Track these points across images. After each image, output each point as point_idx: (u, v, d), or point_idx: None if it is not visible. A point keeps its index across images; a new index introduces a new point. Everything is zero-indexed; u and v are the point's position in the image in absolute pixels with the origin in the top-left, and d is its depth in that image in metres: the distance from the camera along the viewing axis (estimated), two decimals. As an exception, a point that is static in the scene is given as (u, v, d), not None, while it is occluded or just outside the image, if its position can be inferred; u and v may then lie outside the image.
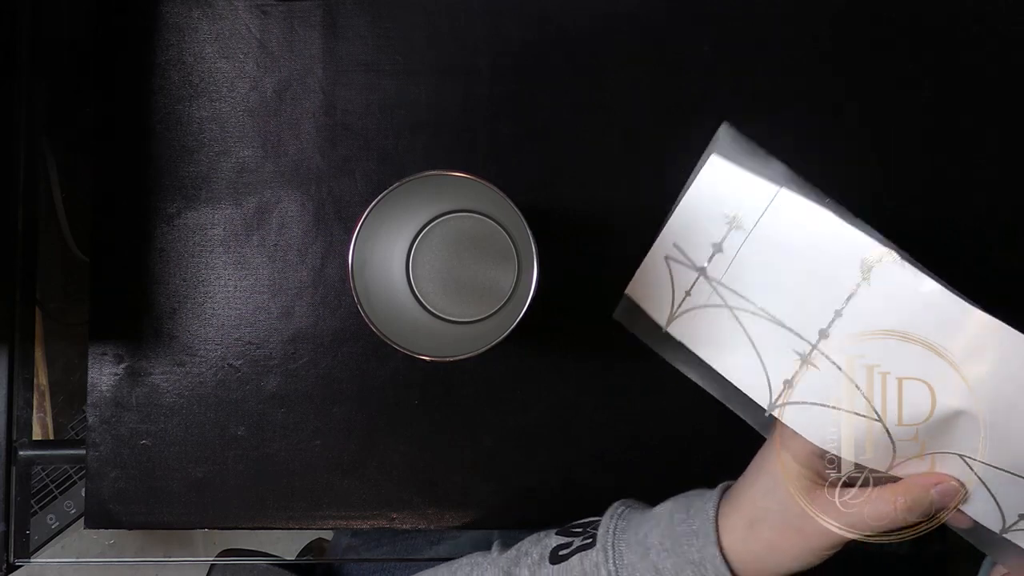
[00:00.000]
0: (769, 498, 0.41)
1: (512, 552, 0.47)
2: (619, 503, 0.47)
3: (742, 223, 0.44)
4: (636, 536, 0.43)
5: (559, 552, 0.44)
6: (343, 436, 0.55)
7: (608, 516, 0.45)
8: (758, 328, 0.43)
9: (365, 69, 0.56)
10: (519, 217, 0.43)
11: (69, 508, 1.06)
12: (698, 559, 0.41)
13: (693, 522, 0.42)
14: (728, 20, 0.55)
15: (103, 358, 0.56)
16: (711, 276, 0.44)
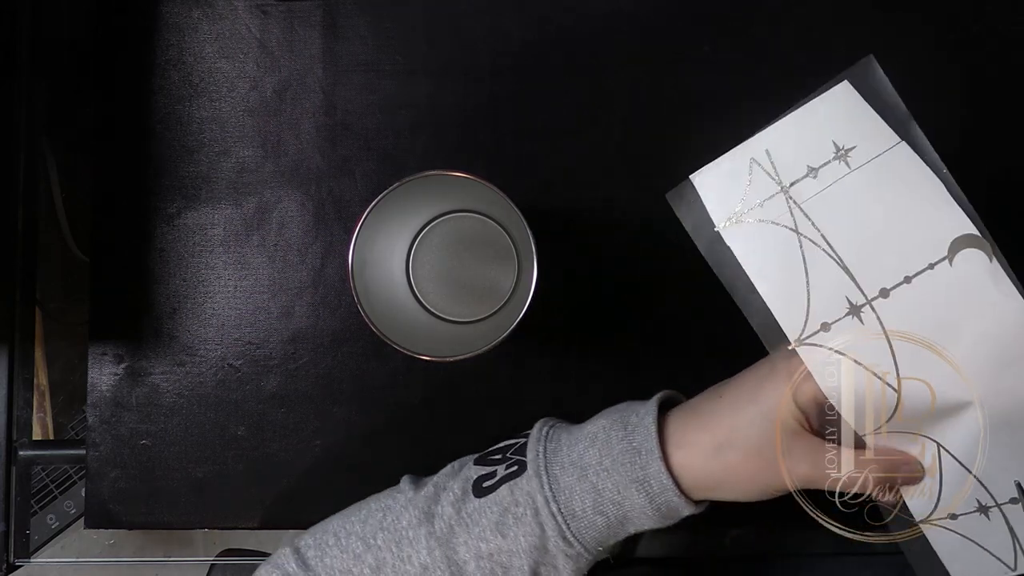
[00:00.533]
0: (752, 428, 0.39)
1: (428, 488, 0.44)
2: (543, 422, 0.45)
3: (849, 158, 0.42)
4: (570, 457, 0.41)
5: (483, 484, 0.42)
6: (343, 436, 0.55)
7: (535, 439, 0.43)
8: (820, 264, 0.41)
9: (365, 69, 0.56)
10: (519, 217, 0.43)
11: (69, 508, 1.06)
12: (641, 476, 0.39)
13: (633, 438, 0.40)
14: (728, 20, 0.55)
15: (103, 358, 0.56)
16: (793, 196, 0.42)
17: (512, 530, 0.40)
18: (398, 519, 0.43)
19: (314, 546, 0.44)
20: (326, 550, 0.44)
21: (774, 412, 0.39)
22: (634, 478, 0.40)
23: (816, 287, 0.41)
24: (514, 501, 0.41)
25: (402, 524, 0.43)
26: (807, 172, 0.42)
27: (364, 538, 0.43)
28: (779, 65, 0.55)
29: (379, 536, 0.43)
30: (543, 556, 0.41)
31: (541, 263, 0.43)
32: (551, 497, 0.40)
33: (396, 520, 0.43)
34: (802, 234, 0.42)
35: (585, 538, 0.41)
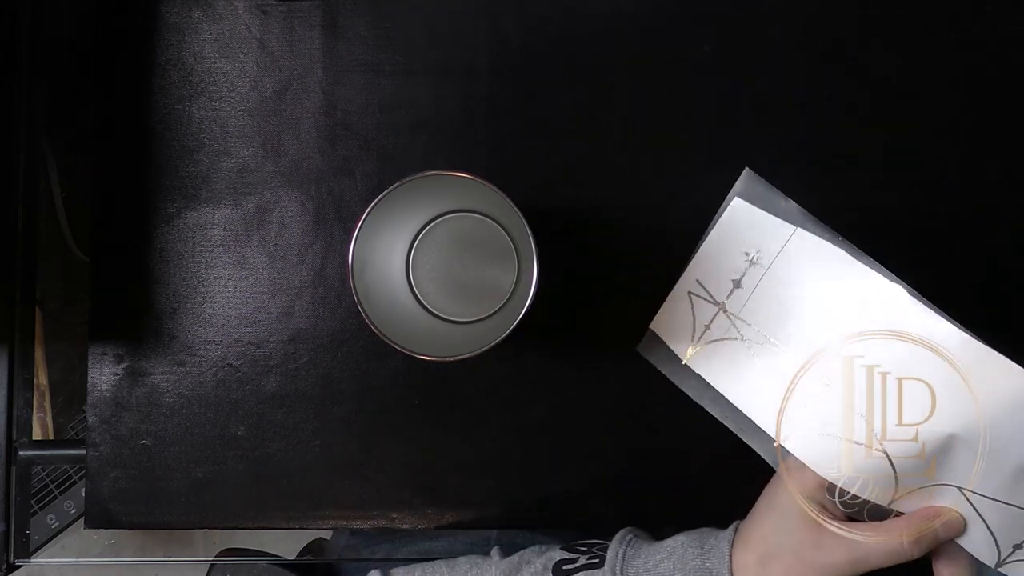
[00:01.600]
0: (781, 534, 0.41)
1: (514, 558, 0.47)
2: (627, 530, 0.47)
3: (760, 260, 0.47)
4: (646, 565, 0.43)
5: (563, 566, 0.45)
6: (343, 436, 0.55)
7: (617, 541, 0.45)
8: (771, 359, 0.46)
9: (365, 69, 0.56)
10: (519, 217, 0.43)
11: (69, 508, 1.06)
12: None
13: (708, 559, 0.42)
14: (728, 20, 0.55)
15: (103, 358, 0.56)
16: (730, 310, 0.48)
17: None
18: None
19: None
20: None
21: (791, 514, 0.41)
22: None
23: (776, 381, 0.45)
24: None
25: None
26: (733, 286, 0.48)
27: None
28: (778, 64, 0.55)
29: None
30: None
31: (541, 263, 0.43)
32: None
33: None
34: (747, 339, 0.47)
35: None
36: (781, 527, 0.42)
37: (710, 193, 0.54)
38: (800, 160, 0.54)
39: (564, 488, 0.55)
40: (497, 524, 0.55)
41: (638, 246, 0.55)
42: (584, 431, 0.55)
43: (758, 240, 0.48)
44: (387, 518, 0.55)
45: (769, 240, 0.48)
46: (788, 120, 0.54)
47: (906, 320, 0.42)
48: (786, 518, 0.41)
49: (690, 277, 0.50)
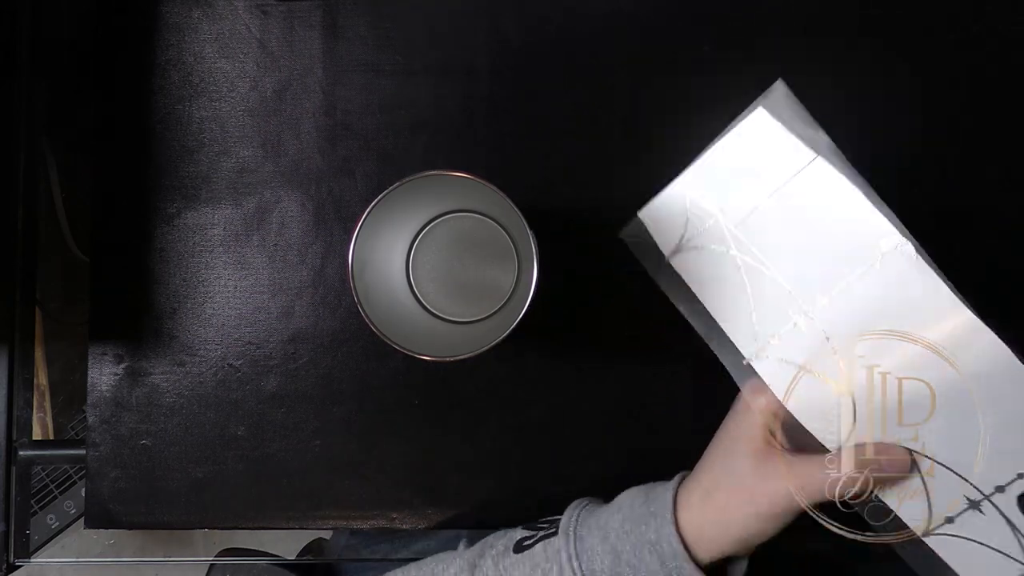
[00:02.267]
0: (725, 465, 0.42)
1: (477, 547, 0.47)
2: (581, 499, 0.48)
3: (771, 180, 0.45)
4: (597, 522, 0.44)
5: (523, 542, 0.45)
6: (343, 436, 0.55)
7: (571, 507, 0.46)
8: (758, 281, 0.44)
9: (365, 69, 0.56)
10: (519, 217, 0.43)
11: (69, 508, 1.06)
12: (655, 538, 0.41)
13: (651, 505, 0.43)
14: (728, 20, 0.55)
15: (103, 358, 0.56)
16: (727, 222, 0.45)
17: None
18: (447, 569, 0.47)
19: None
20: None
21: (739, 441, 0.42)
22: (647, 540, 0.42)
23: (759, 304, 0.44)
24: (544, 557, 0.44)
25: (450, 573, 0.46)
26: (736, 199, 0.45)
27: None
28: (778, 65, 0.55)
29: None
30: None
31: (541, 263, 0.43)
32: (574, 555, 0.43)
33: (445, 570, 0.47)
34: (739, 255, 0.45)
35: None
36: (726, 460, 0.42)
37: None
38: (800, 160, 0.54)
39: (564, 488, 0.55)
40: (497, 524, 0.55)
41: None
42: (584, 431, 0.55)
43: (773, 158, 0.45)
44: (387, 518, 0.55)
45: (785, 161, 0.45)
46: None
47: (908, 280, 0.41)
48: (731, 450, 0.42)
49: (691, 177, 0.47)
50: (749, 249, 0.45)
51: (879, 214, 0.43)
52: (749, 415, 0.43)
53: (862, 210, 0.43)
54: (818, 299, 0.43)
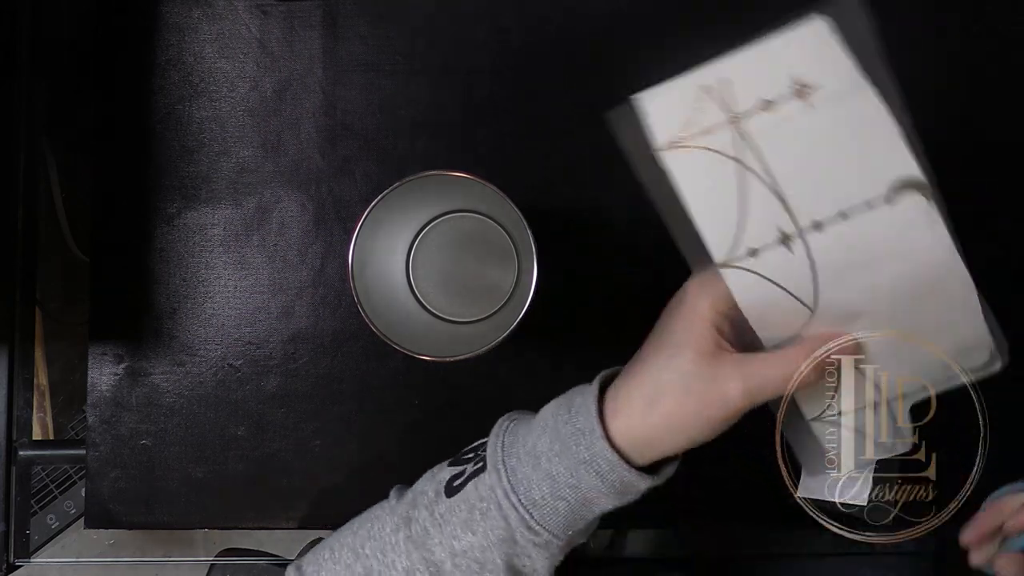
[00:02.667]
0: (670, 370, 0.39)
1: (408, 496, 0.45)
2: (504, 417, 0.45)
3: (810, 96, 0.41)
4: (525, 447, 0.41)
5: (453, 483, 0.43)
6: (343, 436, 0.55)
7: (494, 435, 0.43)
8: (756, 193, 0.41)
9: (365, 69, 0.56)
10: (519, 217, 0.43)
11: (69, 508, 1.06)
12: (588, 457, 0.39)
13: (577, 420, 0.40)
14: (728, 20, 0.55)
15: (103, 358, 0.56)
16: (742, 128, 0.41)
17: (480, 526, 0.41)
18: (383, 527, 0.44)
19: (312, 561, 0.45)
20: (322, 564, 0.45)
21: (687, 345, 0.39)
22: (582, 459, 0.39)
23: (749, 214, 0.41)
24: (479, 497, 0.41)
25: (386, 531, 0.44)
26: (761, 105, 0.41)
27: (354, 548, 0.44)
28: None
29: (367, 545, 0.44)
30: (513, 548, 0.41)
31: (541, 263, 0.43)
32: (510, 489, 0.40)
33: (381, 528, 0.44)
34: (744, 165, 0.41)
35: (550, 525, 0.41)
36: (671, 363, 0.39)
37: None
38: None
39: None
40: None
41: (638, 246, 0.55)
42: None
43: (821, 75, 0.41)
44: (387, 518, 0.55)
45: (834, 82, 0.40)
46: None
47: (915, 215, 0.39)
48: (677, 353, 0.39)
49: (715, 72, 0.42)
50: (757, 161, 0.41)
51: (909, 152, 0.39)
52: (696, 315, 0.40)
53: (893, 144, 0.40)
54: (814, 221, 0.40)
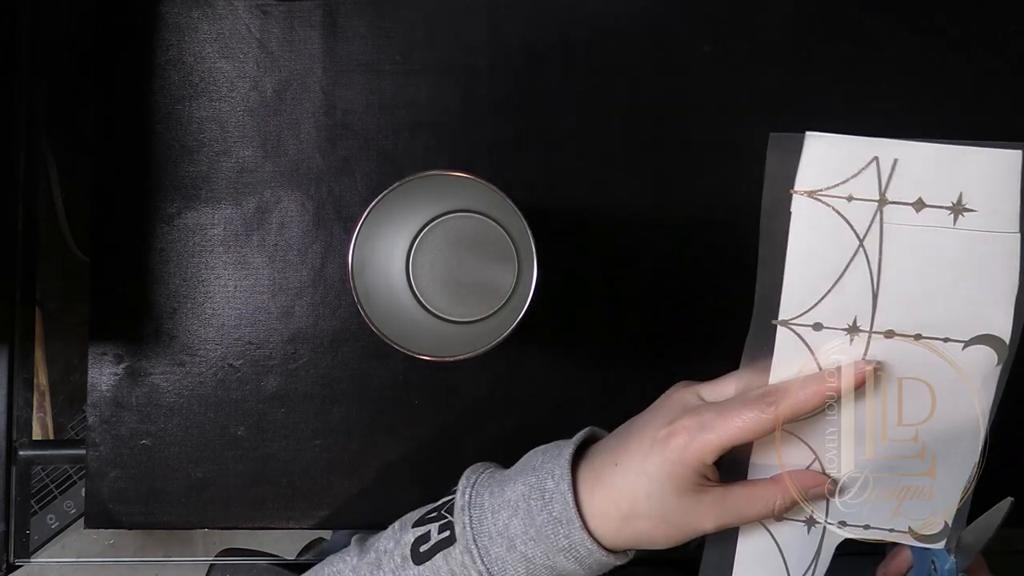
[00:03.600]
0: (652, 500, 0.40)
1: (371, 555, 0.45)
2: (465, 481, 0.45)
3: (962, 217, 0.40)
4: (495, 527, 0.42)
5: (420, 548, 0.43)
6: (343, 436, 0.55)
7: (459, 507, 0.43)
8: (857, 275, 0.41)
9: (365, 69, 0.56)
10: (519, 217, 0.43)
11: (69, 508, 1.06)
12: (567, 545, 0.40)
13: (552, 507, 0.41)
14: (728, 20, 0.55)
15: (103, 358, 0.56)
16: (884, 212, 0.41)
17: None
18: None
19: None
20: None
21: (666, 483, 0.40)
22: (560, 547, 0.40)
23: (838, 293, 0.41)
24: (451, 571, 0.42)
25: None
26: (915, 201, 0.41)
27: None
28: (778, 65, 0.55)
29: None
30: None
31: (541, 263, 0.43)
32: (485, 571, 0.41)
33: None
34: (863, 245, 0.41)
35: None
36: (653, 494, 0.40)
37: (710, 192, 0.54)
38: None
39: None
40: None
41: (638, 246, 0.55)
42: (584, 431, 0.55)
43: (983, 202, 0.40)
44: (387, 518, 0.55)
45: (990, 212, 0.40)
46: (789, 121, 0.54)
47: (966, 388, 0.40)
48: (660, 487, 0.39)
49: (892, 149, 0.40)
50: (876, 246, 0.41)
51: (1010, 314, 0.40)
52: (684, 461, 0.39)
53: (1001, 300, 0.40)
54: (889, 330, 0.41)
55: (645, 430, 0.41)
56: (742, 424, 0.38)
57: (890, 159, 0.40)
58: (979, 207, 0.40)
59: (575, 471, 0.42)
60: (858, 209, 0.41)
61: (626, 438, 0.42)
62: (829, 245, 0.41)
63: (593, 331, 0.55)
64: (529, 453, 0.45)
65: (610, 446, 0.42)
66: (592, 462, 0.42)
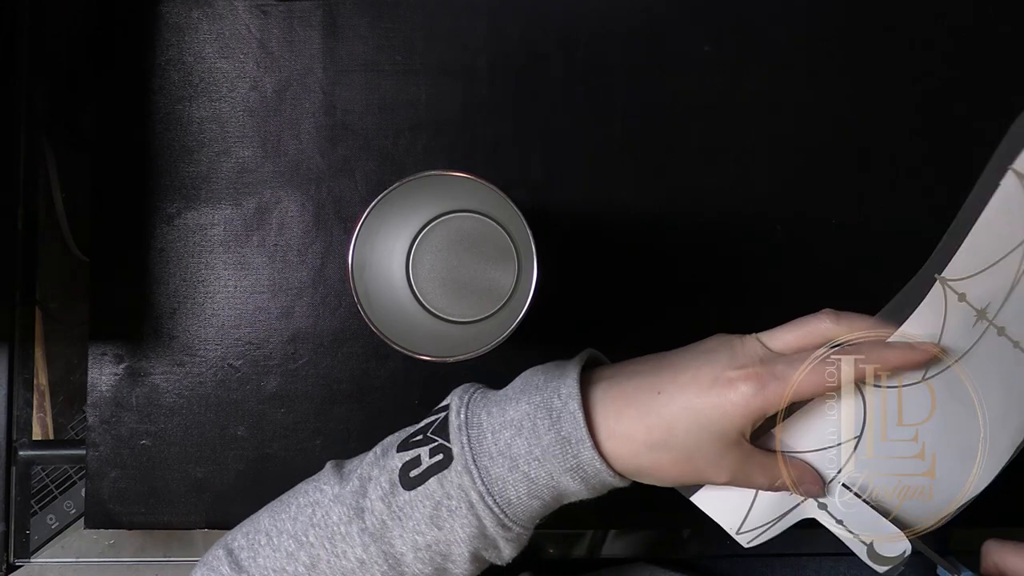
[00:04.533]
0: (689, 436, 0.39)
1: (354, 482, 0.42)
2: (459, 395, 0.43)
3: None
4: (496, 446, 0.40)
5: (410, 473, 0.41)
6: (343, 436, 0.55)
7: (455, 426, 0.41)
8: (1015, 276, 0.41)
9: (365, 69, 0.56)
10: (519, 217, 0.43)
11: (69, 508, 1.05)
12: (575, 464, 0.39)
13: (561, 426, 0.39)
14: (728, 20, 0.55)
15: (103, 358, 0.56)
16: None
17: (448, 522, 0.40)
18: (328, 515, 0.42)
19: (247, 547, 0.43)
20: (258, 550, 0.43)
21: (713, 426, 0.39)
22: (567, 467, 0.39)
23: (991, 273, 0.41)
24: (446, 495, 0.40)
25: (332, 520, 0.42)
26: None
27: (295, 536, 0.42)
28: (779, 65, 0.55)
29: (311, 533, 0.42)
30: (483, 542, 0.41)
31: (541, 263, 0.43)
32: (485, 492, 0.40)
33: (326, 516, 0.42)
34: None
35: (523, 520, 0.41)
36: (692, 431, 0.39)
37: (710, 192, 0.54)
38: (800, 161, 0.54)
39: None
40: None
41: (638, 246, 0.55)
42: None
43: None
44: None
45: None
46: (789, 121, 0.54)
47: None
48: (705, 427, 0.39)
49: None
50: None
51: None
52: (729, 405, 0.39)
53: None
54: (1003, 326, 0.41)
55: (704, 368, 0.40)
56: (815, 379, 0.38)
57: None
58: None
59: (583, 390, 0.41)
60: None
61: (673, 370, 0.41)
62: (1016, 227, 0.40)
63: (593, 331, 0.55)
64: (526, 372, 0.44)
65: (644, 372, 0.41)
66: (618, 384, 0.41)
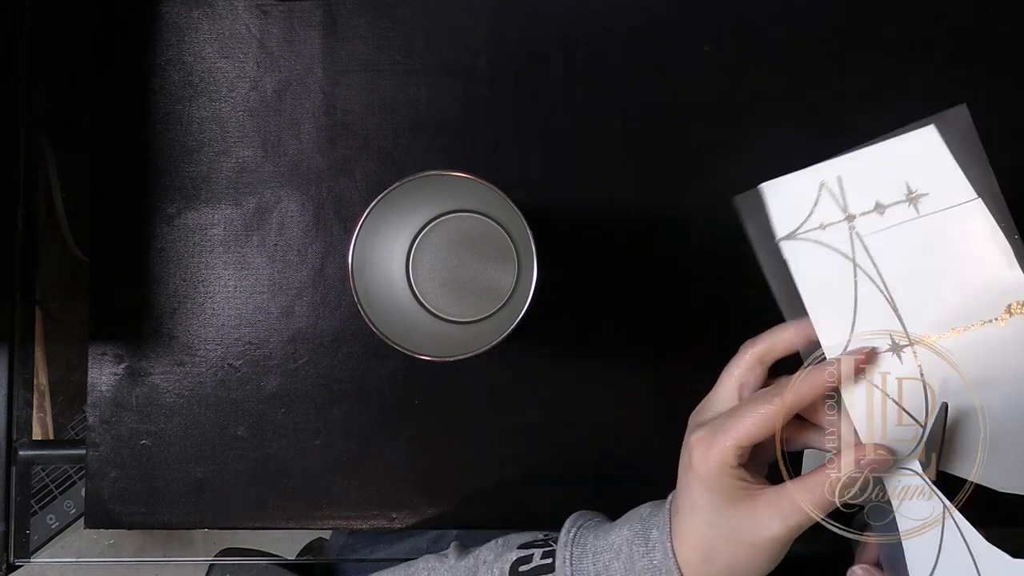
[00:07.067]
0: (714, 527, 0.41)
1: (470, 560, 0.46)
2: (572, 520, 0.47)
3: (919, 203, 0.42)
4: (595, 567, 0.43)
5: (519, 568, 0.45)
6: (343, 436, 0.55)
7: (563, 543, 0.45)
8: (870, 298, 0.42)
9: (365, 69, 0.56)
10: (519, 217, 0.43)
11: (69, 508, 1.06)
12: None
13: (653, 555, 0.42)
14: (728, 20, 0.55)
15: (103, 358, 0.56)
16: (857, 227, 0.43)
17: None
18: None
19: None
20: None
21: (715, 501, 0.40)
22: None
23: (862, 318, 0.42)
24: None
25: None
26: (874, 207, 0.43)
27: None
28: (779, 65, 0.55)
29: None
30: None
31: (541, 263, 0.43)
32: None
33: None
34: (858, 265, 0.42)
35: None
36: (712, 521, 0.41)
37: (711, 192, 0.54)
38: (800, 162, 0.54)
39: (564, 488, 0.55)
40: (497, 524, 0.55)
41: (639, 246, 0.55)
42: (584, 432, 0.55)
43: (930, 183, 0.42)
44: (387, 518, 0.55)
45: (942, 191, 0.42)
46: (789, 121, 0.54)
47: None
48: (713, 509, 0.41)
49: (832, 169, 0.44)
50: (871, 264, 0.43)
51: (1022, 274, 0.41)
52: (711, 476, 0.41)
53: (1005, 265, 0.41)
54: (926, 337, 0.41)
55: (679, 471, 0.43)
56: (753, 419, 0.39)
57: (834, 178, 0.43)
58: (929, 188, 0.42)
59: None
60: (834, 233, 0.43)
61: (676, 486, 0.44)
62: (832, 277, 0.43)
63: (593, 331, 0.55)
64: (639, 507, 0.47)
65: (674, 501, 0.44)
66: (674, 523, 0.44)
